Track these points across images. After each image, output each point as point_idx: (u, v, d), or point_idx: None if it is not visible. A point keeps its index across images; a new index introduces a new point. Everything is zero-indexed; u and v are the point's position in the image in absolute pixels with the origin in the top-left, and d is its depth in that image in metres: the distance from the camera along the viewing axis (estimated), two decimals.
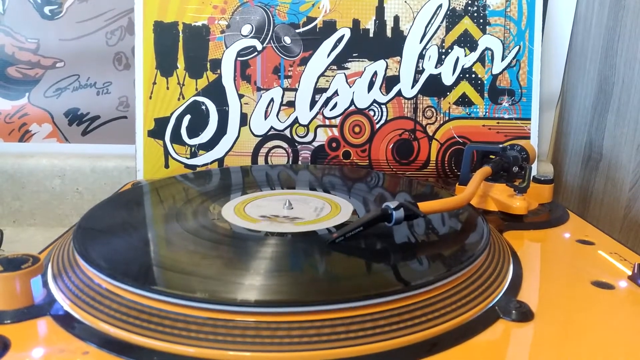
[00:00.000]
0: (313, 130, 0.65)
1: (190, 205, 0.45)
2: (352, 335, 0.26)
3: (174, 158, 0.64)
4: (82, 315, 0.29)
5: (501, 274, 0.34)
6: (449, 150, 0.65)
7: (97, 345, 0.26)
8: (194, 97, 0.63)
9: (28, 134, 0.70)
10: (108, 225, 0.40)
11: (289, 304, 0.27)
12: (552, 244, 0.43)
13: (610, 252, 0.40)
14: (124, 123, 0.70)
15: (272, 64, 0.64)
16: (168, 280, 0.30)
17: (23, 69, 0.68)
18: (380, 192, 0.52)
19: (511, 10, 0.64)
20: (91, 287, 0.30)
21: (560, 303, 0.32)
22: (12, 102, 0.68)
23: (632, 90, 0.57)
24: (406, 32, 0.64)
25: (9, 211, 0.69)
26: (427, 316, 0.28)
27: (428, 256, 0.35)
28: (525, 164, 0.48)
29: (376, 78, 0.64)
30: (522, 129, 0.65)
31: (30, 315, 0.29)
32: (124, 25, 0.67)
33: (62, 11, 0.66)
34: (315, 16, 0.63)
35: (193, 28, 0.63)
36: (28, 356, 0.26)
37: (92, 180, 0.68)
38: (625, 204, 0.57)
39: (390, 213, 0.36)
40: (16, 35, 0.67)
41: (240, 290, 0.29)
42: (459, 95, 0.65)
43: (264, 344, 0.26)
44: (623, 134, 0.58)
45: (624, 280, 0.35)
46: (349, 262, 0.34)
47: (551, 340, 0.28)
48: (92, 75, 0.68)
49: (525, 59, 0.65)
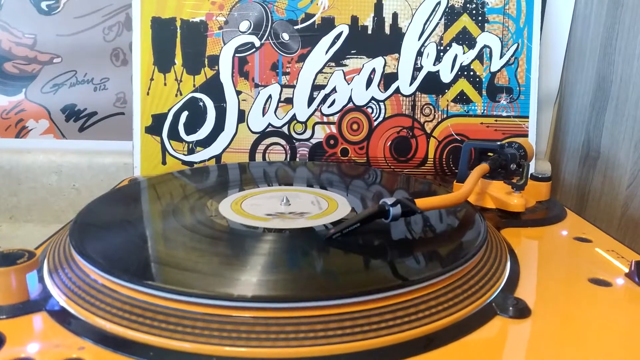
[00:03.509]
0: (311, 127, 0.64)
1: (187, 202, 0.44)
2: (348, 332, 0.26)
3: (172, 154, 0.64)
4: (77, 311, 0.29)
5: (498, 271, 0.34)
6: (447, 147, 0.65)
7: (92, 341, 0.26)
8: (192, 94, 0.63)
9: (25, 130, 0.69)
10: (104, 221, 0.40)
11: (284, 300, 0.27)
12: (550, 241, 0.43)
13: (608, 250, 0.40)
14: (121, 119, 0.70)
15: (270, 61, 0.63)
16: (164, 276, 0.30)
17: (20, 64, 0.67)
18: (377, 189, 0.52)
19: (510, 8, 0.64)
20: (87, 283, 0.30)
21: (558, 300, 0.32)
22: (9, 97, 0.68)
23: (630, 88, 0.57)
24: (404, 29, 0.64)
25: (6, 207, 0.69)
26: (423, 312, 0.28)
27: (425, 253, 0.35)
28: (523, 162, 0.48)
29: (374, 75, 0.64)
30: (520, 127, 0.65)
31: (25, 311, 0.29)
32: (121, 21, 0.67)
33: (59, 6, 0.66)
34: (313, 13, 0.63)
35: (191, 24, 0.63)
36: (23, 351, 0.25)
37: (89, 177, 0.68)
38: (623, 201, 0.57)
39: (387, 209, 0.36)
40: (13, 31, 0.66)
41: (237, 285, 0.29)
42: (457, 92, 0.65)
43: (260, 340, 0.26)
44: (621, 132, 0.58)
45: (621, 278, 0.35)
46: (346, 258, 0.34)
47: (548, 337, 0.28)
48: (89, 71, 0.68)
49: (524, 57, 0.64)
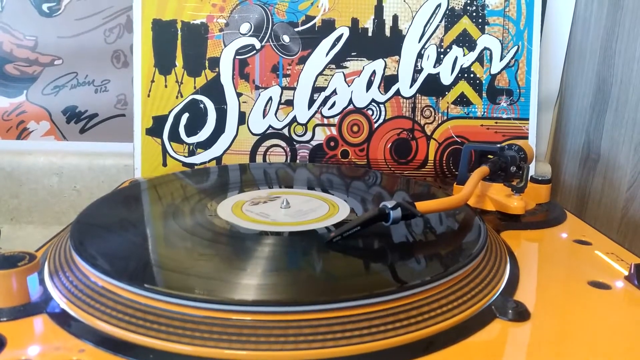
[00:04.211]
0: (311, 129, 0.65)
1: (187, 203, 0.44)
2: (348, 335, 0.26)
3: (172, 156, 0.64)
4: (78, 313, 0.29)
5: (498, 274, 0.34)
6: (447, 149, 0.65)
7: (93, 343, 0.26)
8: (192, 96, 0.63)
9: (26, 132, 0.70)
10: (105, 223, 0.40)
11: (285, 304, 0.27)
12: (550, 244, 0.43)
13: (607, 252, 0.40)
14: (122, 121, 0.70)
15: (271, 63, 0.63)
16: (165, 279, 0.30)
17: (21, 66, 0.67)
18: (378, 191, 0.52)
19: (510, 10, 0.64)
20: (88, 285, 0.30)
21: (557, 303, 0.32)
22: (10, 99, 0.68)
23: (630, 91, 0.57)
24: (405, 31, 0.64)
25: (7, 209, 0.69)
26: (423, 315, 0.28)
27: (425, 256, 0.35)
28: (523, 164, 0.48)
29: (375, 77, 0.64)
30: (520, 129, 0.65)
31: (26, 313, 0.29)
32: (122, 23, 0.67)
33: (60, 8, 0.66)
34: (314, 15, 0.63)
35: (192, 26, 0.63)
36: (24, 354, 0.25)
37: (89, 178, 0.68)
38: (623, 204, 0.57)
39: (387, 212, 0.36)
40: (14, 32, 0.66)
41: (237, 289, 0.29)
42: (457, 95, 0.65)
43: (260, 343, 0.26)
44: (621, 135, 0.58)
45: (621, 281, 0.35)
46: (347, 261, 0.34)
47: (548, 339, 0.28)
48: (90, 73, 0.68)
49: (524, 59, 0.65)
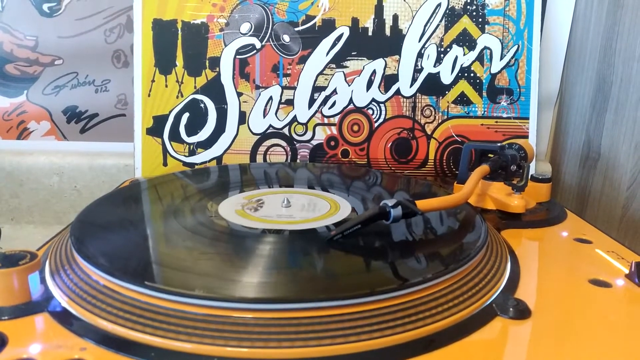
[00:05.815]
0: (312, 128, 0.65)
1: (187, 203, 0.45)
2: (349, 332, 0.26)
3: (173, 156, 0.64)
4: (79, 312, 0.29)
5: (499, 272, 0.34)
6: (448, 149, 0.65)
7: (94, 342, 0.26)
8: (193, 95, 0.63)
9: (26, 132, 0.70)
10: (106, 222, 0.40)
11: (285, 301, 0.27)
12: (550, 242, 0.43)
13: (608, 251, 0.40)
14: (122, 121, 0.70)
15: (271, 62, 0.64)
16: (166, 277, 0.30)
17: (21, 66, 0.67)
18: (378, 190, 0.52)
19: (510, 10, 0.64)
20: (89, 284, 0.30)
21: (558, 301, 0.32)
22: (11, 99, 0.68)
23: (630, 89, 0.57)
24: (405, 30, 0.64)
25: (7, 209, 0.69)
26: (424, 313, 0.28)
27: (426, 254, 0.35)
28: (523, 163, 0.48)
29: (375, 77, 0.64)
30: (521, 128, 0.65)
31: (27, 312, 0.29)
32: (122, 23, 0.67)
33: (60, 8, 0.66)
34: (314, 14, 0.63)
35: (192, 26, 0.63)
36: (25, 352, 0.25)
37: (90, 178, 0.68)
38: (623, 203, 0.57)
39: (388, 211, 0.36)
40: (14, 32, 0.66)
41: (238, 287, 0.29)
42: (457, 94, 0.65)
43: (261, 340, 0.26)
44: (621, 133, 0.58)
45: (621, 279, 0.35)
46: (347, 259, 0.34)
47: (548, 338, 0.28)
48: (90, 73, 0.68)
49: (524, 58, 0.65)
